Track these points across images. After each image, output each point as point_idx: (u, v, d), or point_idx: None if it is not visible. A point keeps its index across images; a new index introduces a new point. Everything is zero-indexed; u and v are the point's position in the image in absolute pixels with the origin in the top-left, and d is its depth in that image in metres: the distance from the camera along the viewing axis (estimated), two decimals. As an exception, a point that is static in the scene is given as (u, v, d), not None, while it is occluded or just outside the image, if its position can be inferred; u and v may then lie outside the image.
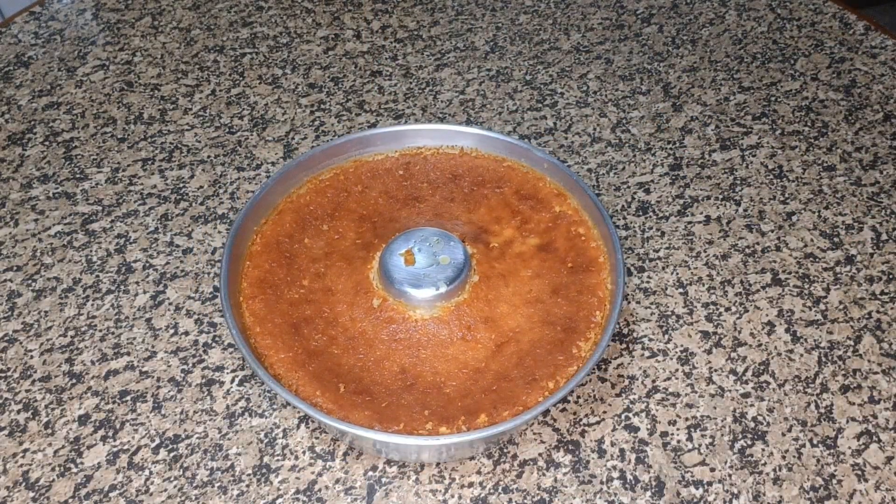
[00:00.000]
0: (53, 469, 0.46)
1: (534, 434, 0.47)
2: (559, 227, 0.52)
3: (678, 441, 0.46)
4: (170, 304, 0.54)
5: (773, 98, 0.68)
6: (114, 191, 0.62)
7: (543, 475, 0.45)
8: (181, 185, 0.62)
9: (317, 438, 0.47)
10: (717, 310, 0.53)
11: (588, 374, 0.46)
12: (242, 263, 0.50)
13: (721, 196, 0.60)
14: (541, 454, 0.46)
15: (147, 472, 0.45)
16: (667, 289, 0.54)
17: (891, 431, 0.47)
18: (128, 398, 0.49)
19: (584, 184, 0.52)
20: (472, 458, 0.46)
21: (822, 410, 0.48)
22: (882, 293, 0.54)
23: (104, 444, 0.47)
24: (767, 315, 0.53)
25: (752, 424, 0.47)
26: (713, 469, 0.45)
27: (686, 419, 0.47)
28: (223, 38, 0.77)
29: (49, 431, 0.47)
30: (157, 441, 0.47)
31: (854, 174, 0.62)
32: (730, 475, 0.45)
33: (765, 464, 0.45)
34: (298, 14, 0.79)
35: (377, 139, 0.56)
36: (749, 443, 0.46)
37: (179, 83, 0.72)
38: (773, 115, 0.67)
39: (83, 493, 0.45)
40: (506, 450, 0.46)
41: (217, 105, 0.69)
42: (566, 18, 0.78)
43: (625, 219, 0.59)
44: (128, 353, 0.51)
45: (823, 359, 0.50)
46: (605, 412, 0.48)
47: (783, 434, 0.47)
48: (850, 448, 0.46)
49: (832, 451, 0.46)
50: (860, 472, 0.45)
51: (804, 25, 0.76)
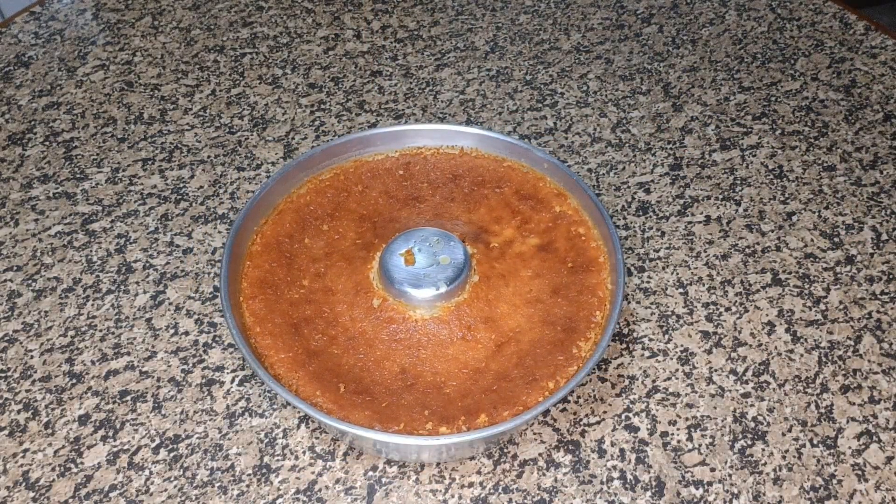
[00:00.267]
0: (53, 469, 0.46)
1: (534, 434, 0.47)
2: (559, 227, 0.52)
3: (678, 441, 0.46)
4: (170, 304, 0.54)
5: (774, 98, 0.68)
6: (114, 191, 0.62)
7: (543, 475, 0.45)
8: (181, 185, 0.62)
9: (317, 438, 0.47)
10: (718, 310, 0.53)
11: (588, 374, 0.46)
12: (242, 263, 0.50)
13: (721, 196, 0.60)
14: (541, 454, 0.46)
15: (147, 472, 0.45)
16: (667, 289, 0.54)
17: (891, 431, 0.47)
18: (128, 398, 0.49)
19: (584, 184, 0.52)
20: (473, 458, 0.46)
21: (823, 410, 0.48)
22: (882, 293, 0.54)
23: (104, 444, 0.47)
24: (767, 315, 0.53)
25: (753, 424, 0.47)
26: (713, 469, 0.45)
27: (686, 419, 0.47)
28: (223, 38, 0.77)
29: (49, 431, 0.47)
30: (158, 441, 0.47)
31: (854, 174, 0.62)
32: (730, 475, 0.45)
33: (765, 464, 0.45)
34: (298, 14, 0.79)
35: (377, 139, 0.56)
36: (749, 443, 0.46)
37: (179, 83, 0.72)
38: (774, 115, 0.67)
39: (83, 493, 0.45)
40: (506, 450, 0.46)
41: (217, 105, 0.69)
42: (566, 18, 0.78)
43: (625, 219, 0.59)
44: (128, 353, 0.51)
45: (823, 359, 0.50)
46: (606, 412, 0.48)
47: (783, 434, 0.47)
48: (851, 448, 0.46)
49: (832, 451, 0.46)
50: (860, 472, 0.45)
51: (804, 25, 0.76)
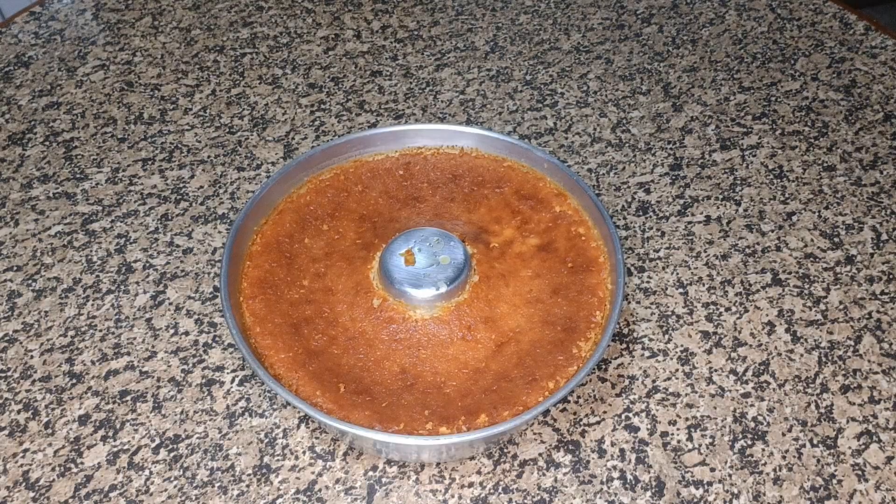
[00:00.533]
0: (53, 469, 0.46)
1: (534, 434, 0.47)
2: (559, 227, 0.52)
3: (678, 441, 0.46)
4: (170, 304, 0.54)
5: (774, 98, 0.68)
6: (114, 191, 0.62)
7: (543, 475, 0.45)
8: (181, 185, 0.62)
9: (317, 438, 0.47)
10: (718, 310, 0.53)
11: (588, 374, 0.46)
12: (242, 263, 0.50)
13: (721, 196, 0.60)
14: (541, 454, 0.46)
15: (147, 472, 0.45)
16: (667, 289, 0.54)
17: (891, 431, 0.47)
18: (128, 398, 0.49)
19: (585, 184, 0.52)
20: (473, 458, 0.46)
21: (823, 410, 0.48)
22: (882, 293, 0.54)
23: (104, 444, 0.47)
24: (767, 315, 0.53)
25: (753, 424, 0.47)
26: (713, 469, 0.45)
27: (686, 419, 0.47)
28: (223, 38, 0.77)
29: (49, 431, 0.47)
30: (158, 441, 0.47)
31: (854, 174, 0.62)
32: (730, 475, 0.45)
33: (765, 464, 0.45)
34: (298, 14, 0.79)
35: (377, 139, 0.56)
36: (749, 443, 0.46)
37: (179, 83, 0.72)
38: (774, 115, 0.67)
39: (83, 493, 0.45)
40: (506, 450, 0.46)
41: (217, 105, 0.69)
42: (566, 18, 0.78)
43: (625, 219, 0.59)
44: (128, 353, 0.51)
45: (823, 359, 0.50)
46: (606, 412, 0.48)
47: (783, 434, 0.47)
48: (851, 448, 0.46)
49: (832, 451, 0.46)
50: (860, 472, 0.45)
51: (804, 25, 0.76)
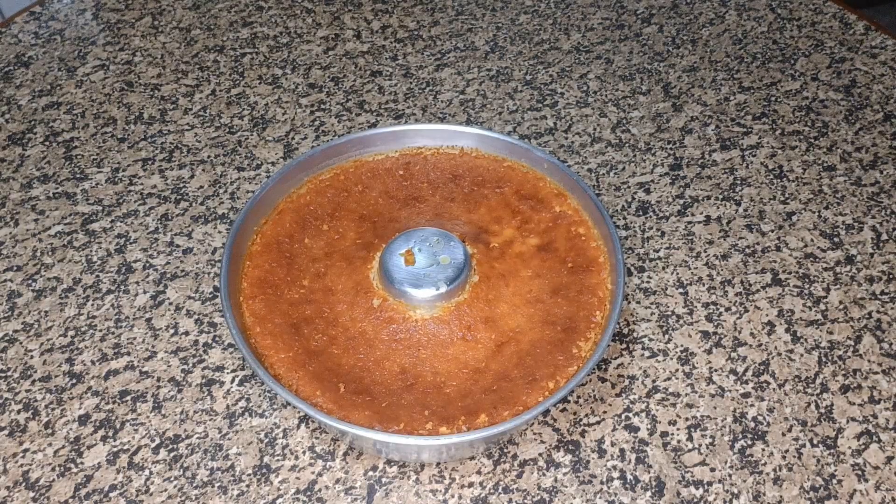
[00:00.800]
0: (53, 469, 0.46)
1: (534, 434, 0.47)
2: (559, 227, 0.52)
3: (678, 441, 0.46)
4: (170, 304, 0.54)
5: (774, 98, 0.68)
6: (114, 191, 0.62)
7: (543, 475, 0.45)
8: (181, 185, 0.62)
9: (317, 438, 0.47)
10: (718, 310, 0.53)
11: (588, 374, 0.46)
12: (242, 263, 0.50)
13: (721, 196, 0.60)
14: (541, 454, 0.46)
15: (147, 472, 0.45)
16: (667, 289, 0.54)
17: (891, 431, 0.47)
18: (128, 398, 0.49)
19: (585, 184, 0.52)
20: (473, 458, 0.46)
21: (823, 410, 0.48)
22: (882, 293, 0.54)
23: (104, 444, 0.47)
24: (767, 315, 0.53)
25: (753, 424, 0.47)
26: (713, 469, 0.45)
27: (686, 419, 0.47)
28: (223, 38, 0.77)
29: (49, 431, 0.47)
30: (158, 441, 0.47)
31: (854, 174, 0.62)
32: (730, 475, 0.45)
33: (765, 464, 0.45)
34: (298, 14, 0.79)
35: (377, 139, 0.56)
36: (749, 443, 0.46)
37: (179, 83, 0.72)
38: (773, 115, 0.67)
39: (83, 493, 0.45)
40: (506, 450, 0.46)
41: (217, 105, 0.69)
42: (566, 18, 0.78)
43: (625, 219, 0.59)
44: (128, 353, 0.51)
45: (823, 359, 0.50)
46: (606, 412, 0.48)
47: (783, 434, 0.47)
48: (851, 448, 0.46)
49: (832, 451, 0.46)
50: (860, 472, 0.45)
51: (804, 25, 0.76)
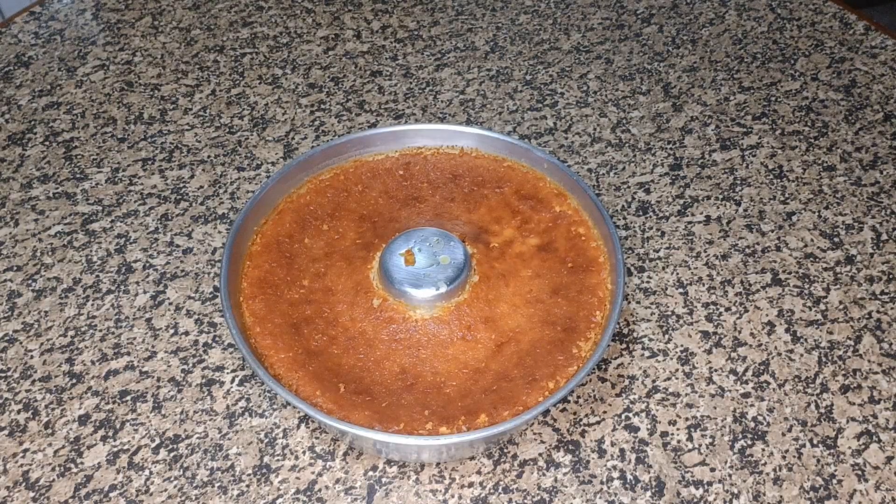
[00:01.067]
0: (53, 469, 0.46)
1: (534, 434, 0.47)
2: (559, 227, 0.52)
3: (678, 441, 0.46)
4: (170, 304, 0.54)
5: (773, 98, 0.68)
6: (114, 191, 0.62)
7: (543, 475, 0.45)
8: (181, 185, 0.62)
9: (317, 438, 0.47)
10: (718, 310, 0.53)
11: (588, 374, 0.46)
12: (242, 263, 0.50)
13: (721, 196, 0.60)
14: (541, 454, 0.46)
15: (147, 472, 0.45)
16: (667, 289, 0.54)
17: (891, 431, 0.47)
18: (128, 398, 0.49)
19: (584, 184, 0.52)
20: (472, 458, 0.46)
21: (823, 410, 0.48)
22: (882, 293, 0.54)
23: (104, 444, 0.47)
24: (767, 315, 0.53)
25: (752, 424, 0.47)
26: (713, 469, 0.45)
27: (686, 419, 0.47)
28: (223, 38, 0.77)
29: (49, 431, 0.47)
30: (158, 441, 0.47)
31: (854, 174, 0.62)
32: (730, 475, 0.45)
33: (765, 464, 0.45)
34: (298, 14, 0.79)
35: (377, 139, 0.56)
36: (749, 443, 0.46)
37: (179, 83, 0.72)
38: (773, 115, 0.67)
39: (83, 493, 0.45)
40: (506, 450, 0.46)
41: (217, 105, 0.69)
42: (566, 18, 0.78)
43: (625, 219, 0.59)
44: (128, 353, 0.51)
45: (823, 359, 0.50)
46: (605, 412, 0.48)
47: (783, 434, 0.47)
48: (851, 448, 0.46)
49: (832, 451, 0.46)
50: (860, 472, 0.45)
51: (804, 25, 0.76)
